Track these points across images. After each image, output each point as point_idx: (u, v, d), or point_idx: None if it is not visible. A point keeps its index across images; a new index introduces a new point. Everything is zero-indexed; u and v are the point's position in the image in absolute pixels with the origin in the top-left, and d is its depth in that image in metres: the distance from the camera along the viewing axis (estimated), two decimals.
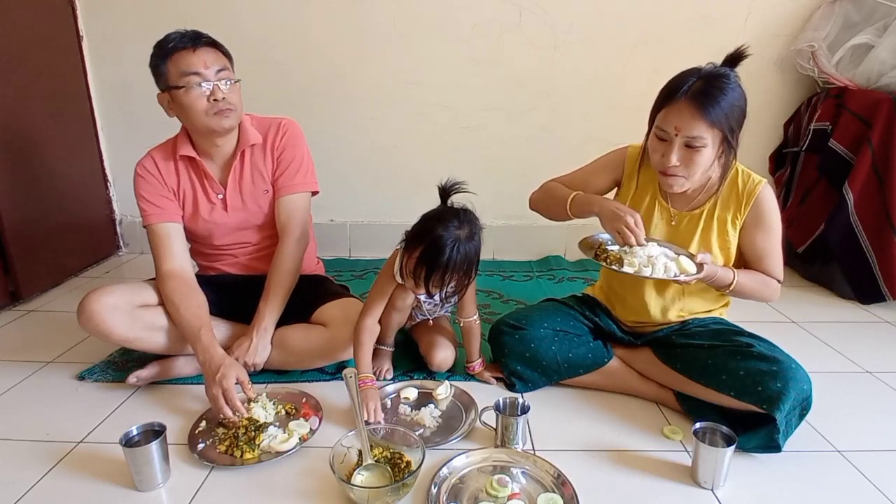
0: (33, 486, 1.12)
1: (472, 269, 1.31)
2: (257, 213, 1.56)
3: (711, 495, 1.12)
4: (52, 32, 2.20)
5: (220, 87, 1.40)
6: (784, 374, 1.17)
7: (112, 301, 1.36)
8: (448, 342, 1.55)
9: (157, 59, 1.41)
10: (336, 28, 2.32)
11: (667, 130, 1.22)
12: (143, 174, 1.51)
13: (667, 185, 1.29)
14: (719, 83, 1.18)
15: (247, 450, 1.20)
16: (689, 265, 1.26)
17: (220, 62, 1.42)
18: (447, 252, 1.24)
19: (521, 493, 1.08)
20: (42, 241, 2.13)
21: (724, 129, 1.18)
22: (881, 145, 1.97)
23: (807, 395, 1.18)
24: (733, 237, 1.34)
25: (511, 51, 2.34)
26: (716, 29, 2.27)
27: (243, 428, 1.25)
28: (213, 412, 1.29)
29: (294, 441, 1.23)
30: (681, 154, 1.22)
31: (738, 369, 1.22)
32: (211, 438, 1.26)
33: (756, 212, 1.31)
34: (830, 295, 2.20)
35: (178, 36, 1.40)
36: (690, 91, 1.18)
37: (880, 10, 2.08)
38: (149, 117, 2.42)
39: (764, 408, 1.16)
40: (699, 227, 1.35)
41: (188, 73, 1.37)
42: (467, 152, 2.47)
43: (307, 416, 1.34)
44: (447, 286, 1.29)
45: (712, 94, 1.16)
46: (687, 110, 1.18)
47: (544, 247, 2.58)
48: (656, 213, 1.40)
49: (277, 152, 1.54)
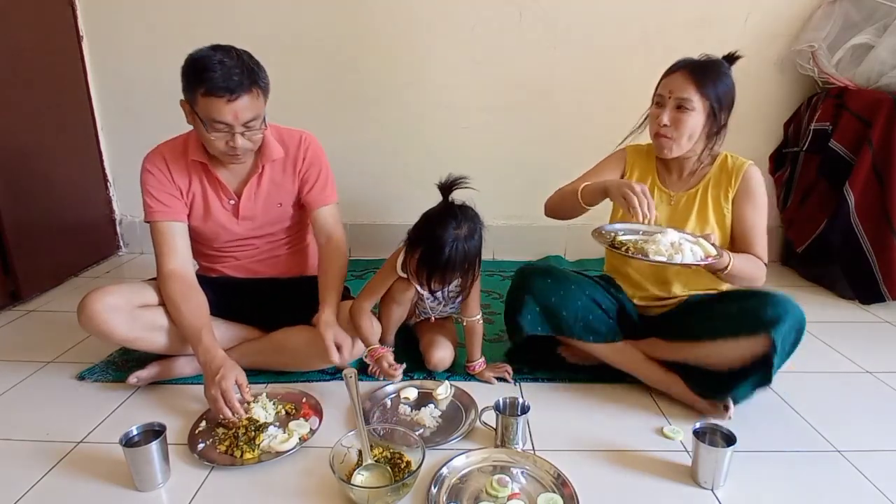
0: (33, 486, 1.12)
1: (473, 267, 1.32)
2: (266, 224, 1.55)
3: (711, 495, 1.12)
4: (52, 32, 2.20)
5: (241, 137, 1.33)
6: (779, 302, 1.25)
7: (112, 301, 1.36)
8: (448, 342, 1.55)
9: (191, 82, 1.29)
10: (336, 28, 2.32)
11: (662, 94, 1.38)
12: (152, 170, 1.45)
13: (659, 148, 1.41)
14: (713, 64, 1.36)
15: (247, 450, 1.20)
16: (709, 247, 1.30)
17: (253, 110, 1.32)
18: (446, 252, 1.24)
19: (521, 493, 1.08)
20: (42, 241, 2.13)
21: (712, 99, 1.33)
22: (881, 145, 1.97)
23: (801, 320, 1.24)
24: (727, 211, 1.44)
25: (511, 51, 2.34)
26: (716, 29, 2.27)
27: (243, 428, 1.26)
28: (212, 413, 1.29)
29: (294, 441, 1.23)
30: (671, 115, 1.36)
31: (731, 308, 1.32)
32: (211, 438, 1.26)
33: (745, 186, 1.42)
34: (830, 295, 2.20)
35: (221, 74, 1.25)
36: (686, 63, 1.37)
37: (880, 10, 2.08)
38: (149, 117, 2.45)
39: (762, 332, 1.21)
40: (696, 205, 1.45)
41: (216, 122, 1.30)
42: (467, 152, 2.47)
43: (307, 416, 1.34)
44: (449, 284, 1.30)
45: (705, 67, 1.35)
46: (680, 76, 1.35)
47: (544, 247, 2.58)
48: (656, 196, 1.48)
49: (302, 171, 1.53)
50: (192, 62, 1.29)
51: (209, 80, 1.25)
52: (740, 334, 1.26)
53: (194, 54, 1.30)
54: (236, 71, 1.27)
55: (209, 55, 1.28)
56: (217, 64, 1.26)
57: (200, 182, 1.48)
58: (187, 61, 1.31)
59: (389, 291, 1.46)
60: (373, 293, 1.45)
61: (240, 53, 1.33)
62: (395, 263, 1.40)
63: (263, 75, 1.36)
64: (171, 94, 2.37)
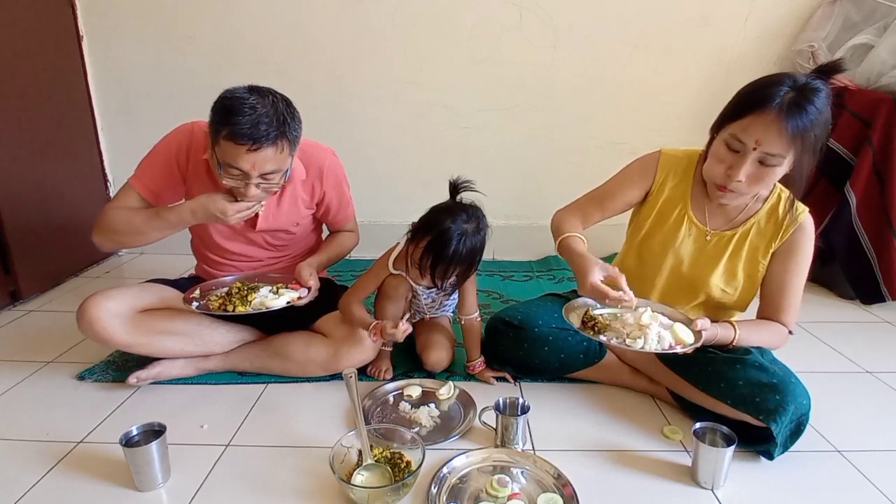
0: (33, 486, 1.12)
1: (475, 262, 1.35)
2: (279, 237, 1.56)
3: (711, 495, 1.12)
4: (52, 32, 2.20)
5: (255, 187, 1.28)
6: (784, 387, 1.16)
7: (113, 307, 1.35)
8: (445, 343, 1.54)
9: (217, 120, 1.23)
10: (336, 28, 2.32)
11: (744, 142, 1.09)
12: (171, 145, 1.39)
13: (717, 197, 1.20)
14: (812, 97, 1.04)
15: (239, 304, 1.32)
16: (685, 334, 1.15)
17: (274, 163, 1.26)
18: (454, 244, 1.27)
19: (521, 493, 1.08)
20: (42, 241, 2.13)
21: (805, 148, 1.07)
22: (881, 145, 1.97)
23: (804, 411, 1.16)
24: (762, 267, 1.27)
25: (511, 51, 2.34)
26: (716, 29, 2.27)
27: (236, 289, 1.37)
28: (204, 288, 1.43)
29: (283, 300, 1.34)
30: (751, 170, 1.10)
31: (738, 379, 1.21)
32: (205, 300, 1.38)
33: (793, 241, 1.22)
34: (830, 295, 2.20)
35: (248, 120, 1.19)
36: (781, 104, 1.04)
37: (880, 10, 2.08)
38: (149, 117, 2.45)
39: (761, 419, 1.15)
40: (728, 251, 1.28)
41: (231, 167, 1.25)
42: (467, 152, 2.47)
43: (296, 287, 1.43)
44: (450, 278, 1.32)
45: (804, 108, 1.03)
46: (774, 124, 1.04)
47: (544, 247, 2.57)
48: (683, 228, 1.31)
49: (318, 196, 1.52)
50: (223, 101, 1.23)
51: (234, 125, 1.19)
52: (740, 409, 1.18)
53: (228, 92, 1.24)
54: (265, 120, 1.21)
55: (242, 97, 1.21)
56: (248, 108, 1.19)
57: (215, 180, 1.36)
58: (219, 98, 1.24)
59: (382, 289, 1.48)
60: (362, 290, 1.48)
61: (276, 100, 1.25)
62: (386, 261, 1.43)
63: (295, 126, 1.29)
64: (171, 94, 2.40)
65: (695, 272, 1.33)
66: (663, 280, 1.37)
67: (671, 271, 1.36)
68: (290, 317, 1.50)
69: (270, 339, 1.54)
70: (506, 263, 2.53)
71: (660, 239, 1.35)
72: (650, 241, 1.37)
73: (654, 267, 1.37)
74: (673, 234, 1.33)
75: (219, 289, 1.44)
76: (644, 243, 1.38)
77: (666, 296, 1.38)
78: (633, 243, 1.41)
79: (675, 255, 1.33)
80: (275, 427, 1.32)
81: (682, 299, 1.37)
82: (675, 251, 1.33)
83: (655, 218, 1.35)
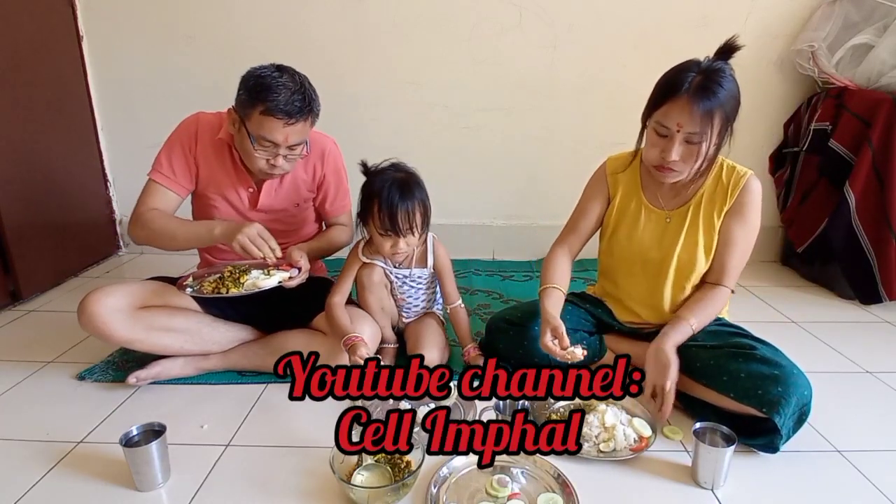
0: (33, 486, 1.12)
1: (425, 196, 1.43)
2: (278, 220, 1.57)
3: (711, 495, 1.12)
4: (52, 32, 2.20)
5: (283, 158, 1.40)
6: (786, 378, 1.17)
7: (113, 303, 1.36)
8: (434, 343, 1.52)
9: (252, 98, 1.33)
10: (336, 28, 2.32)
11: (668, 126, 1.21)
12: (184, 134, 1.48)
13: (661, 178, 1.31)
14: (716, 77, 1.17)
15: (231, 286, 1.35)
16: (643, 427, 1.26)
17: (302, 135, 1.39)
18: (396, 189, 1.38)
19: (521, 493, 1.08)
20: (42, 241, 2.13)
21: (722, 120, 1.19)
22: (881, 145, 1.97)
23: (806, 402, 1.18)
24: (717, 229, 1.35)
25: (511, 51, 2.34)
26: (716, 29, 2.27)
27: (228, 272, 1.41)
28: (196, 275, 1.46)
29: (274, 280, 1.36)
30: (681, 150, 1.22)
31: (740, 371, 1.22)
32: (199, 284, 1.41)
33: (740, 201, 1.32)
34: (830, 295, 2.20)
35: (284, 97, 1.31)
36: (692, 87, 1.17)
37: (880, 10, 2.08)
38: (149, 117, 2.45)
39: (764, 411, 1.16)
40: (686, 224, 1.36)
41: (265, 140, 1.36)
42: (467, 152, 2.47)
43: (287, 269, 1.44)
44: (413, 219, 1.39)
45: (712, 90, 1.16)
46: (688, 106, 1.17)
47: (544, 247, 2.53)
48: (643, 215, 1.41)
49: (318, 178, 1.61)
50: (258, 79, 1.32)
51: (272, 101, 1.30)
52: (743, 402, 1.19)
53: (258, 71, 1.34)
54: (298, 97, 1.33)
55: (275, 75, 1.33)
56: (282, 87, 1.31)
57: (221, 161, 1.50)
58: (251, 77, 1.34)
59: (359, 280, 1.52)
60: (341, 284, 1.51)
61: (302, 79, 1.38)
62: (357, 252, 1.52)
63: (318, 103, 1.41)
64: (171, 94, 2.40)
65: (662, 254, 1.38)
66: (638, 268, 1.42)
67: (640, 258, 1.41)
68: (289, 315, 1.50)
69: (269, 338, 1.54)
70: (506, 263, 2.53)
71: (625, 231, 1.43)
72: (617, 236, 1.45)
73: (625, 259, 1.44)
74: (634, 222, 1.41)
75: (211, 275, 1.46)
76: (613, 239, 1.46)
77: (647, 287, 1.42)
78: (605, 242, 1.50)
79: (640, 242, 1.40)
80: (275, 427, 1.32)
81: (663, 286, 1.39)
82: (640, 239, 1.40)
83: (617, 215, 1.44)
